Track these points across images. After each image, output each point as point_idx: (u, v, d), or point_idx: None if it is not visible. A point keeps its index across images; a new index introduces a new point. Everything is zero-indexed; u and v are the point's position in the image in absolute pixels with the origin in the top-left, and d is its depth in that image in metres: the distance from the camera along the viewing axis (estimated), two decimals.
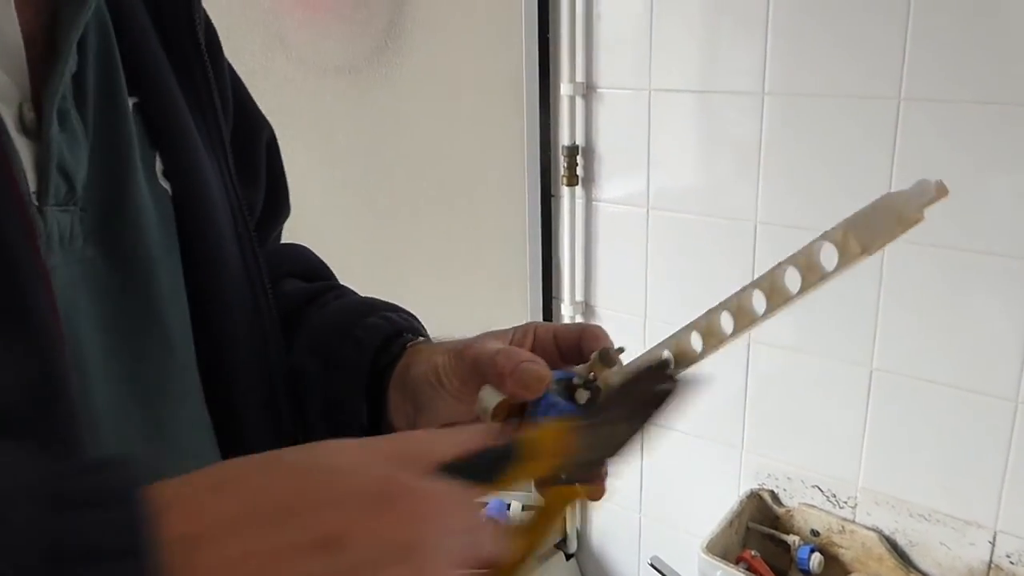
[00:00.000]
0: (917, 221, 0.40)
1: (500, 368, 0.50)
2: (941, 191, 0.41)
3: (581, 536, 1.97)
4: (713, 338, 0.47)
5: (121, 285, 0.48)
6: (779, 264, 0.43)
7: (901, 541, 1.48)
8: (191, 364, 0.53)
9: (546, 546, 1.95)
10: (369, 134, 1.81)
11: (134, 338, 0.48)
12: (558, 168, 1.73)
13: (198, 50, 0.56)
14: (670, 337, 0.49)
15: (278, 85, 1.76)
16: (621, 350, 0.53)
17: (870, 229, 0.40)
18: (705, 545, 1.47)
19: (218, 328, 0.55)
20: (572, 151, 1.69)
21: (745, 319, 0.45)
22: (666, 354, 0.49)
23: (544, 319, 1.85)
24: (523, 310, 1.83)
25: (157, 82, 0.53)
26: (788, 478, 1.59)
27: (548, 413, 0.50)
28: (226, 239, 0.56)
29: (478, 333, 0.58)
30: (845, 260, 0.40)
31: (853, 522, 1.52)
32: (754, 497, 1.60)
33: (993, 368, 1.32)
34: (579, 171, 1.70)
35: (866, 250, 0.40)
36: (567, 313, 1.81)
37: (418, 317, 0.67)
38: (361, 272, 1.78)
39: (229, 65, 0.66)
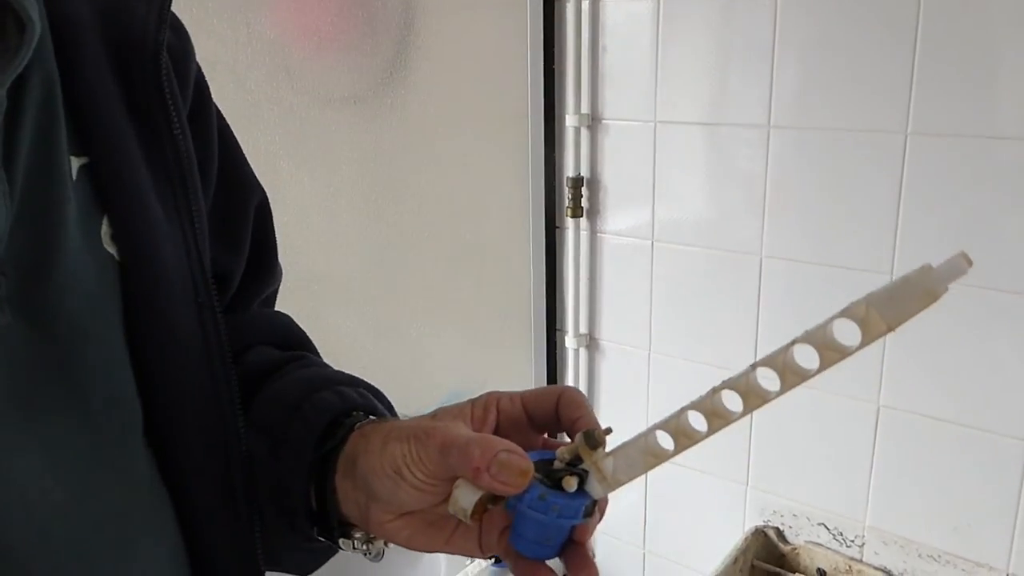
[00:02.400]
0: (942, 294, 0.38)
1: (475, 462, 0.46)
2: (968, 265, 0.38)
3: None
4: (719, 419, 0.43)
5: (39, 356, 0.44)
6: (792, 341, 0.40)
7: None
8: (130, 441, 0.50)
9: None
10: (374, 164, 1.80)
11: (52, 412, 0.45)
12: (563, 199, 1.72)
13: (165, 111, 0.53)
14: (670, 417, 0.45)
15: (283, 115, 1.76)
16: (608, 431, 0.48)
17: (895, 307, 0.38)
18: None
19: (168, 404, 0.51)
20: (577, 182, 1.69)
21: (754, 399, 0.42)
22: (662, 437, 0.45)
23: (548, 351, 1.83)
24: (526, 342, 1.82)
25: (110, 142, 0.50)
26: (794, 515, 1.57)
27: (536, 508, 0.47)
28: (181, 308, 0.53)
29: (434, 408, 0.53)
30: (868, 337, 0.39)
31: (860, 561, 1.49)
32: (759, 534, 1.58)
33: (1003, 406, 1.30)
34: (584, 203, 1.70)
35: (891, 327, 0.38)
36: (571, 345, 1.79)
37: (381, 391, 0.63)
38: (363, 302, 1.78)
39: (225, 128, 0.63)
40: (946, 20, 1.24)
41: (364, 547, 0.56)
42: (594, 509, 0.49)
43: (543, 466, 0.48)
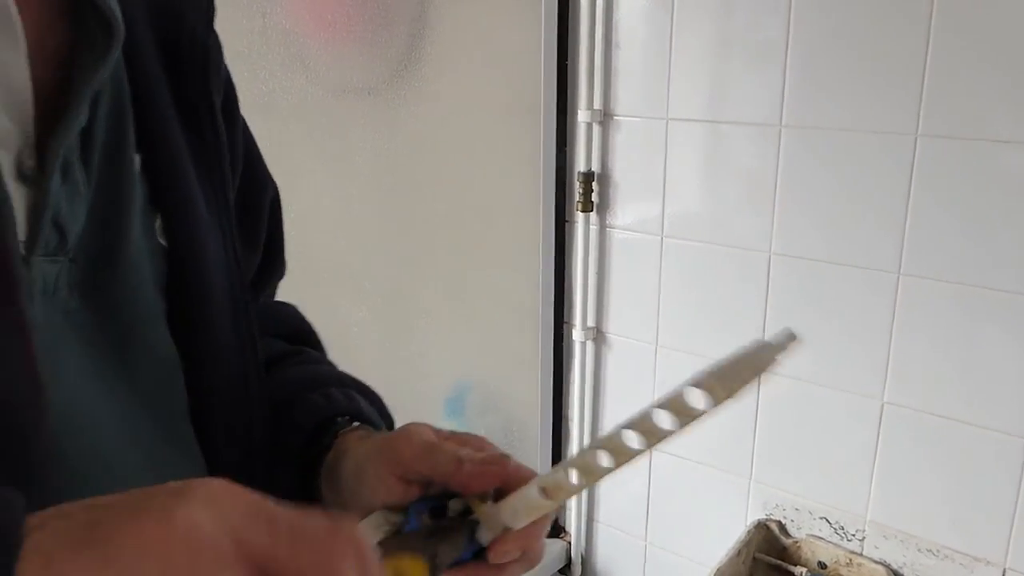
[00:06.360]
0: (771, 368, 0.45)
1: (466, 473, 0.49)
2: (792, 341, 0.46)
3: (586, 563, 1.96)
4: (590, 475, 0.48)
5: (103, 337, 0.47)
6: (651, 406, 0.47)
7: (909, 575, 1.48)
8: (180, 420, 0.53)
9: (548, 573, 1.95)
10: (386, 156, 1.82)
11: (118, 389, 0.48)
12: (573, 194, 1.74)
13: (212, 113, 0.56)
14: (546, 475, 0.50)
15: (297, 105, 1.77)
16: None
17: (734, 378, 0.45)
18: (713, 575, 1.47)
19: (205, 390, 0.55)
20: (587, 177, 1.70)
21: (622, 456, 0.47)
22: (535, 492, 0.49)
23: (555, 344, 1.85)
24: (534, 334, 1.84)
25: (164, 141, 0.53)
26: (796, 509, 1.59)
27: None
28: (221, 301, 0.56)
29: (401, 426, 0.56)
30: (713, 403, 0.45)
31: (861, 555, 1.52)
32: (761, 527, 1.60)
33: (1004, 404, 1.33)
34: (594, 197, 1.72)
35: (731, 395, 0.45)
36: (578, 338, 1.81)
37: (371, 389, 0.66)
38: (373, 292, 1.80)
39: (244, 125, 0.65)
40: (959, 22, 1.26)
41: None
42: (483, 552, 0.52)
43: (436, 513, 0.51)
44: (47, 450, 0.41)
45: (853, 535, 1.53)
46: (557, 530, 1.98)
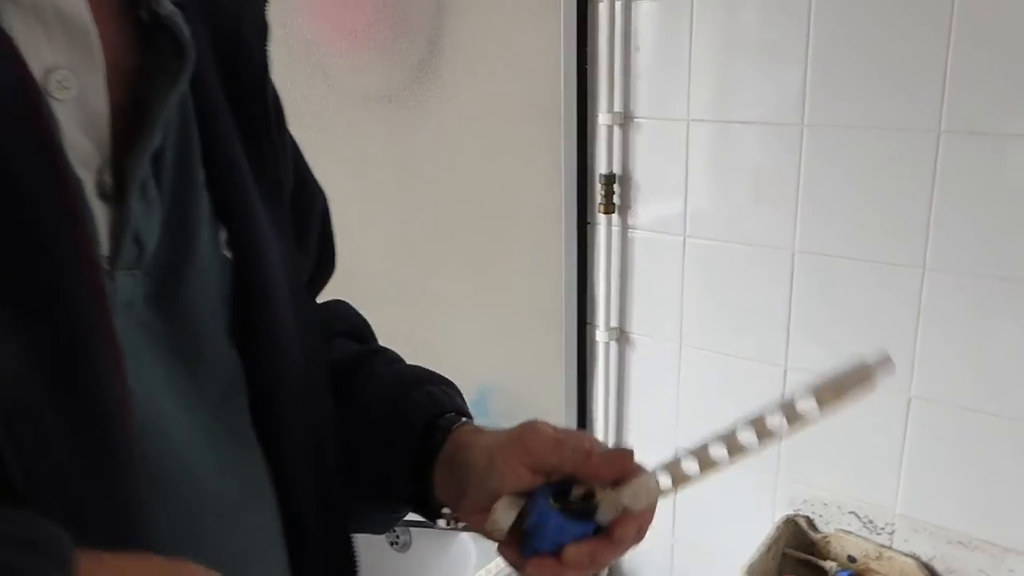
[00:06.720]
0: (874, 384, 0.53)
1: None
2: (888, 363, 0.53)
3: (613, 561, 1.97)
4: (707, 467, 0.56)
5: (173, 348, 0.49)
6: (764, 409, 0.54)
7: (939, 567, 1.49)
8: (244, 427, 0.55)
9: None
10: (407, 161, 1.83)
11: (190, 396, 0.50)
12: (595, 196, 1.76)
13: (267, 125, 0.58)
14: (668, 463, 0.57)
15: (318, 113, 1.79)
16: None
17: (840, 390, 0.53)
18: (745, 571, 1.48)
19: (270, 395, 0.56)
20: (609, 179, 1.72)
21: (736, 452, 0.55)
22: (664, 480, 0.57)
23: (578, 345, 1.87)
24: (558, 336, 1.85)
25: (226, 156, 0.54)
26: (824, 504, 1.60)
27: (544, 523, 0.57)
28: (284, 310, 0.57)
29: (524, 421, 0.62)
30: (821, 411, 0.53)
31: (891, 548, 1.53)
32: (790, 523, 1.61)
33: None
34: (616, 199, 1.73)
35: (836, 404, 0.53)
36: (601, 339, 1.83)
37: (453, 384, 0.71)
38: (398, 298, 1.81)
39: (290, 135, 0.67)
40: (980, 18, 1.27)
41: (452, 524, 0.66)
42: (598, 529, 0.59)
43: (560, 491, 0.58)
44: (132, 454, 0.42)
45: (882, 529, 1.54)
46: None
